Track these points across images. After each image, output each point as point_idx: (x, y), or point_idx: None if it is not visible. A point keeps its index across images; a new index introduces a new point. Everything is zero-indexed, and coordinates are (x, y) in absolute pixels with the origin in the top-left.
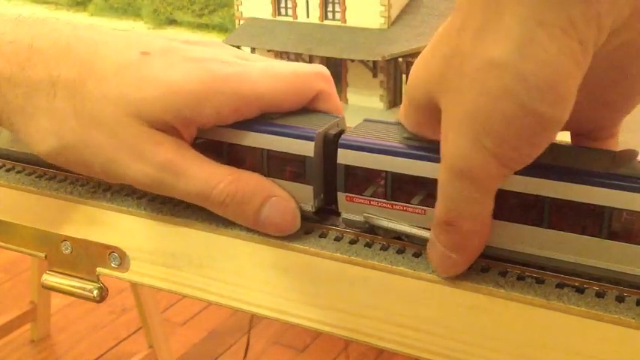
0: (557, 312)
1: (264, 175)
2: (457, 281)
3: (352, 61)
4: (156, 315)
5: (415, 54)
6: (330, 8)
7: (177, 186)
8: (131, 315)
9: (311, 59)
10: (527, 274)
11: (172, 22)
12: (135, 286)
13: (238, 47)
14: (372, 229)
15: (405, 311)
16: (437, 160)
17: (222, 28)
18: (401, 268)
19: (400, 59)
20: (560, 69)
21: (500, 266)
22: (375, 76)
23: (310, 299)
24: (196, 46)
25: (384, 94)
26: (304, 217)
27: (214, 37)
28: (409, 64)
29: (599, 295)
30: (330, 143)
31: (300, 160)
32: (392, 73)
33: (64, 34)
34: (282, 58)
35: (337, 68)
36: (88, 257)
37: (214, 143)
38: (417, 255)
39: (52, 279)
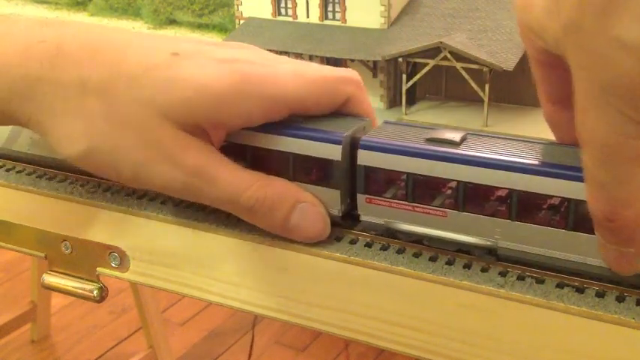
0: (557, 312)
1: (290, 179)
2: (457, 281)
3: (352, 61)
4: (156, 315)
5: (415, 54)
6: (330, 8)
7: (205, 191)
8: (131, 315)
9: (311, 59)
10: (527, 274)
11: (172, 22)
12: (135, 286)
13: None
14: (391, 233)
15: (405, 311)
16: (459, 162)
17: (222, 28)
18: (401, 268)
19: (400, 59)
20: None
21: (500, 266)
22: (375, 76)
23: (310, 299)
24: (225, 47)
25: (384, 94)
26: (332, 221)
27: (214, 37)
28: (409, 64)
29: (599, 295)
30: (357, 147)
31: (327, 163)
32: (392, 73)
33: (93, 36)
34: None
35: None
36: (88, 257)
37: (240, 147)
38: (417, 255)
39: (52, 279)
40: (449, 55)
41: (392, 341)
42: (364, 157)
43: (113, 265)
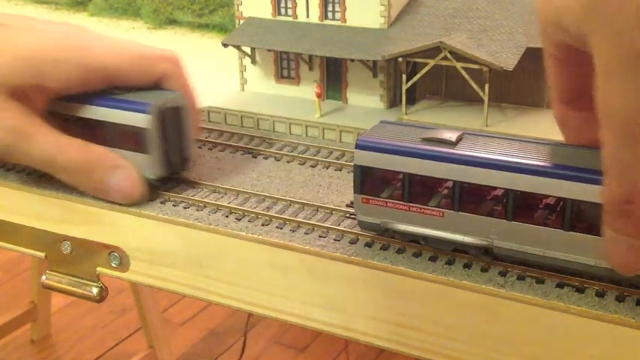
0: (557, 312)
1: (108, 146)
2: (457, 281)
3: (352, 61)
4: (156, 315)
5: (415, 54)
6: (330, 8)
7: (23, 150)
8: (131, 315)
9: (311, 59)
10: (527, 274)
11: (172, 21)
12: (135, 286)
13: (238, 47)
14: (388, 233)
15: (405, 311)
16: (455, 161)
17: (222, 28)
18: (401, 268)
19: (400, 59)
20: None
21: (500, 266)
22: (375, 76)
23: (310, 299)
24: (48, 23)
25: (384, 94)
26: (149, 184)
27: (214, 37)
28: (409, 64)
29: (599, 295)
30: (166, 116)
31: (139, 131)
32: (392, 73)
33: None
34: (282, 57)
35: (337, 68)
36: (88, 257)
37: (62, 116)
38: (416, 255)
39: (52, 279)
40: (449, 55)
41: (392, 341)
42: (360, 157)
43: (113, 265)
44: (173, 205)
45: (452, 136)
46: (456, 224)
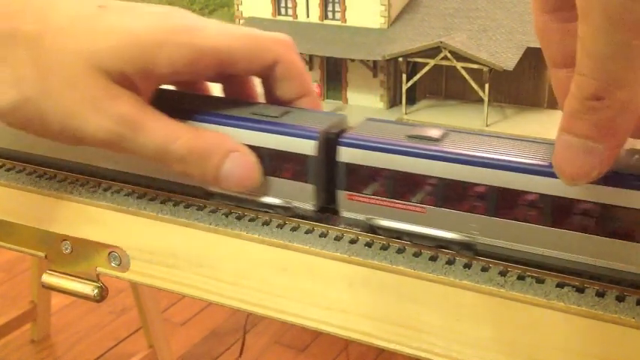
0: (557, 312)
1: (266, 175)
2: (457, 281)
3: (352, 60)
4: (156, 315)
5: (415, 54)
6: (330, 8)
7: (134, 140)
8: (131, 315)
9: (311, 59)
10: (527, 274)
11: None
12: (135, 286)
13: None
14: (372, 228)
15: (405, 311)
16: (438, 158)
17: None
18: (401, 267)
19: (400, 59)
20: None
21: (500, 266)
22: (375, 75)
23: (310, 299)
24: (154, 6)
25: (384, 94)
26: (306, 216)
27: None
28: (409, 64)
29: (599, 295)
30: (331, 142)
31: (302, 159)
32: (392, 72)
33: None
34: None
35: (337, 68)
36: (88, 257)
37: None
38: (417, 255)
39: (52, 279)
40: (449, 55)
41: (392, 341)
42: (345, 154)
43: (113, 265)
44: (173, 205)
45: (436, 133)
46: (438, 220)
